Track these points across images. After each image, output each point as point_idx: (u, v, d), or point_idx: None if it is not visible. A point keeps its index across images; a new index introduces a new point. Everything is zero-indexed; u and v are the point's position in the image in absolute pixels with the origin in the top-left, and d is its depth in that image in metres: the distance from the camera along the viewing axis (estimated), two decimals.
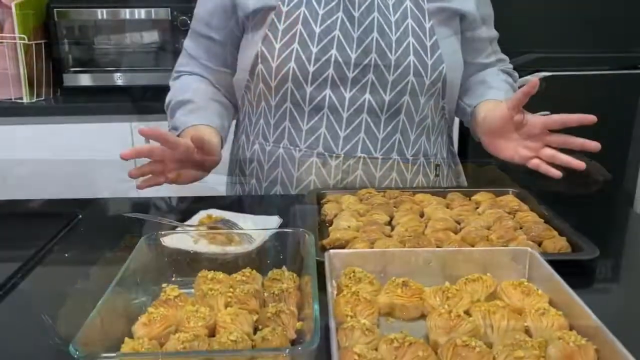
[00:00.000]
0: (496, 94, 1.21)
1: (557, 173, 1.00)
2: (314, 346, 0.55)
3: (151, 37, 2.32)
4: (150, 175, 1.02)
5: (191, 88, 1.23)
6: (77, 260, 0.92)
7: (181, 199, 1.19)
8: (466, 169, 1.38)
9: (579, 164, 0.98)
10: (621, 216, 1.11)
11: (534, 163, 1.03)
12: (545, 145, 1.03)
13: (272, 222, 0.99)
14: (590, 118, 0.96)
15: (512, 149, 1.08)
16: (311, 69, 1.11)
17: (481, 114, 1.18)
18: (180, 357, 0.56)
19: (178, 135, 1.11)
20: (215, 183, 1.31)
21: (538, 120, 1.02)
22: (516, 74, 1.35)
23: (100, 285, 0.68)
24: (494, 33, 1.30)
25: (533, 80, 0.97)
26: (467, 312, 0.69)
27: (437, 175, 1.28)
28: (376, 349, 0.62)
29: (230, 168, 1.38)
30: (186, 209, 1.12)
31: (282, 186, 1.21)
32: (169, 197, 1.21)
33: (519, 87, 1.29)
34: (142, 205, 1.17)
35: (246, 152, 1.28)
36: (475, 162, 1.10)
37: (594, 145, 0.96)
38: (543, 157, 1.03)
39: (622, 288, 0.84)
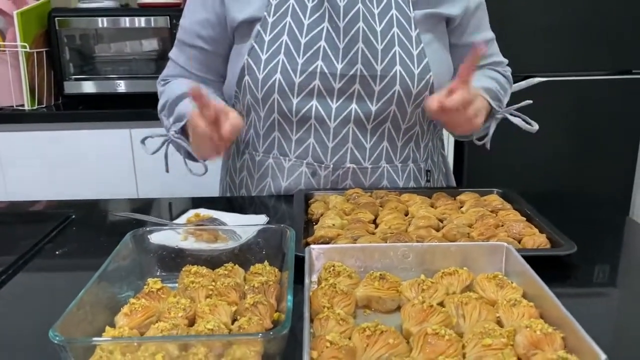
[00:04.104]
0: None
1: None
2: (284, 332, 0.57)
3: (151, 45, 2.36)
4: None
5: (190, 83, 1.16)
6: (67, 257, 0.94)
7: (171, 200, 1.21)
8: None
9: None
10: (612, 220, 1.12)
11: None
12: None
13: (259, 220, 1.01)
14: (478, 51, 0.95)
15: (461, 126, 1.07)
16: (297, 80, 1.11)
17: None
18: (155, 342, 0.58)
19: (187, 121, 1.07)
20: (206, 193, 1.34)
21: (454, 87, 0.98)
22: (509, 74, 1.30)
23: (87, 281, 0.70)
24: (488, 36, 1.25)
25: (478, 49, 0.95)
26: (441, 304, 0.71)
27: (428, 181, 1.28)
28: (350, 338, 0.64)
29: (220, 177, 1.40)
30: (176, 209, 1.15)
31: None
32: (160, 198, 1.23)
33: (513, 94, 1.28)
34: (134, 206, 1.19)
35: (236, 162, 1.29)
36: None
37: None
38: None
39: (597, 282, 0.85)
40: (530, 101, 1.02)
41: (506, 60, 1.31)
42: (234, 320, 0.68)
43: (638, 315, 0.76)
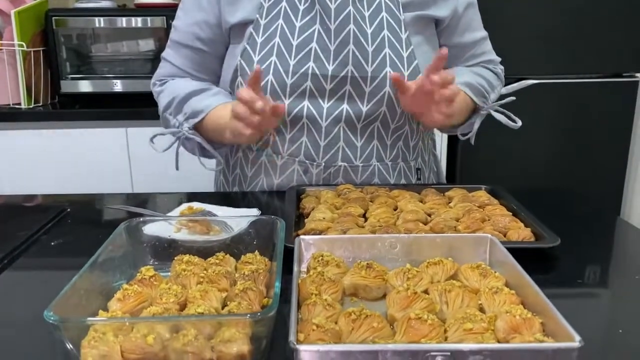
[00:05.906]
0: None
1: None
2: (271, 313, 0.59)
3: (147, 45, 2.38)
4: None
5: (193, 83, 1.22)
6: (62, 248, 0.96)
7: (165, 194, 1.23)
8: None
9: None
10: (600, 217, 1.14)
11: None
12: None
13: (251, 213, 1.03)
14: (443, 53, 1.00)
15: (433, 117, 1.09)
16: (289, 81, 1.13)
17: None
18: (147, 324, 0.59)
19: (204, 117, 1.15)
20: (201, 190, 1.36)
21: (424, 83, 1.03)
22: (499, 71, 1.32)
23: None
24: (479, 35, 1.27)
25: (442, 51, 0.99)
26: (426, 292, 0.73)
27: (418, 179, 1.31)
28: (336, 323, 0.66)
29: (214, 175, 1.42)
30: (170, 204, 1.17)
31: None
32: (154, 193, 1.25)
33: (504, 96, 1.31)
34: (129, 200, 1.21)
35: (230, 159, 1.31)
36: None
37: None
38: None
39: (580, 274, 0.87)
40: (514, 97, 1.04)
41: (498, 59, 1.33)
42: (224, 306, 0.70)
43: (616, 305, 0.79)
